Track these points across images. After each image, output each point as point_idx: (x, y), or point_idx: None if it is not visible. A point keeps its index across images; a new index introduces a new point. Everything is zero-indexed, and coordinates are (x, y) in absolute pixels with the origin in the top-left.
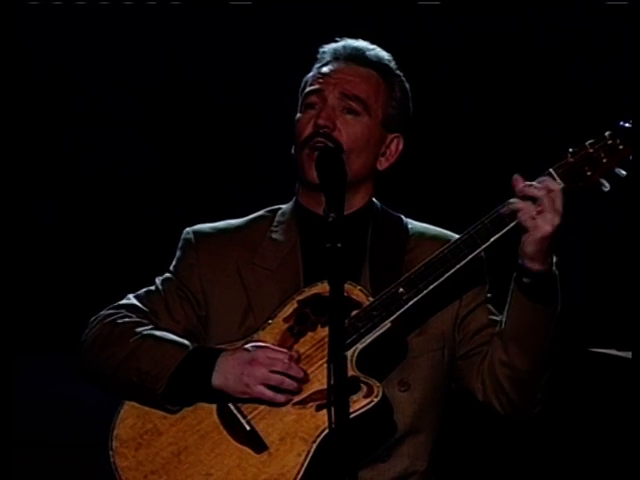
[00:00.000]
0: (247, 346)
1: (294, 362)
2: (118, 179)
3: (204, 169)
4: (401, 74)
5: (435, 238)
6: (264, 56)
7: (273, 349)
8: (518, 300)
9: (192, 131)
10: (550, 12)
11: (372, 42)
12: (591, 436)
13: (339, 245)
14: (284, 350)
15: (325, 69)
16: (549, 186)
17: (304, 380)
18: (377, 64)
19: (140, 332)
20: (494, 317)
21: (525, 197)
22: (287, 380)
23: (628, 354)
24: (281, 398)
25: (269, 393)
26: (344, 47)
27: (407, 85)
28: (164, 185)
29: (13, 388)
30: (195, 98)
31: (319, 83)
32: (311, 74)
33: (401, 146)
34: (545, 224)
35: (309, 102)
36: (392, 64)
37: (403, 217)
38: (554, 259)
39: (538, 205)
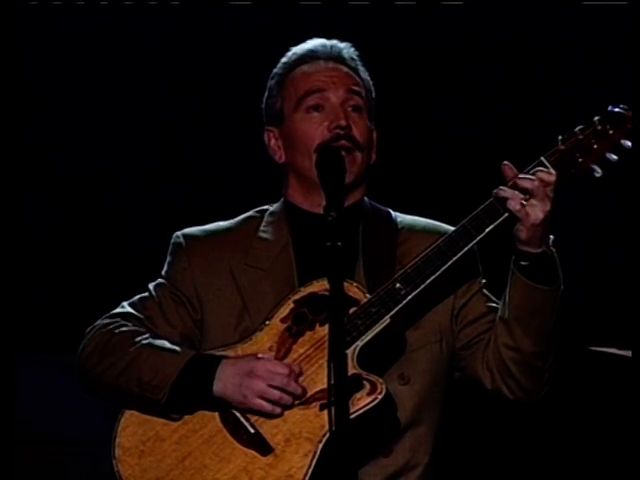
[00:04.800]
0: (248, 357)
1: (294, 377)
2: (118, 179)
3: (200, 171)
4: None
5: (425, 230)
6: (264, 56)
7: (274, 363)
8: (519, 282)
9: (191, 133)
10: (549, 12)
11: (371, 42)
12: (591, 435)
13: (339, 244)
14: (284, 364)
15: (313, 69)
16: (542, 177)
17: (302, 396)
18: (354, 61)
19: (139, 341)
20: (492, 304)
21: (517, 188)
22: (285, 396)
23: (628, 353)
24: (279, 411)
25: (267, 406)
26: (323, 46)
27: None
28: (163, 185)
29: (13, 387)
30: (195, 98)
31: (317, 83)
32: (286, 77)
33: (376, 137)
34: (536, 212)
35: (312, 104)
36: (360, 57)
37: (391, 211)
38: (551, 239)
39: (528, 194)
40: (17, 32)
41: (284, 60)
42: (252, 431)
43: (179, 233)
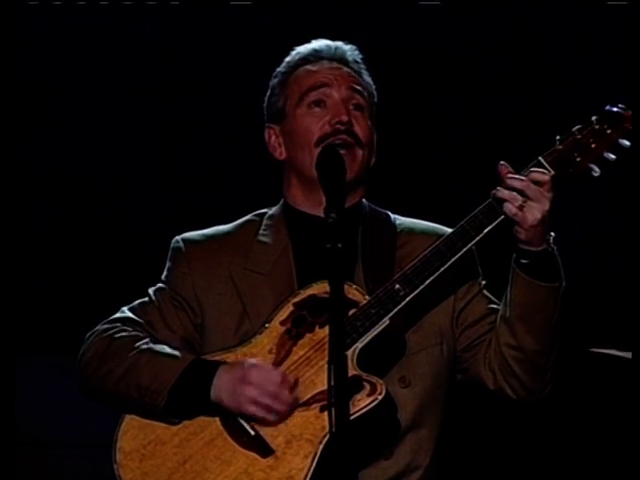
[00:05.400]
0: (243, 363)
1: (286, 386)
2: (118, 180)
3: (199, 172)
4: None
5: (425, 232)
6: (264, 56)
7: (268, 370)
8: (520, 280)
9: (192, 134)
10: (550, 12)
11: (372, 42)
12: (591, 436)
13: (339, 245)
14: (279, 372)
15: (315, 67)
16: (536, 178)
17: (293, 405)
18: (358, 63)
19: (138, 346)
20: (492, 305)
21: (508, 189)
22: (276, 404)
23: (628, 354)
24: (271, 417)
25: (260, 412)
26: (328, 46)
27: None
28: (163, 186)
29: (13, 388)
30: (195, 99)
31: (320, 79)
32: (290, 75)
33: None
34: (534, 213)
35: (314, 99)
36: (363, 60)
37: (390, 213)
38: (552, 236)
39: (525, 196)
40: (17, 32)
41: (288, 59)
42: (252, 433)
43: (178, 238)
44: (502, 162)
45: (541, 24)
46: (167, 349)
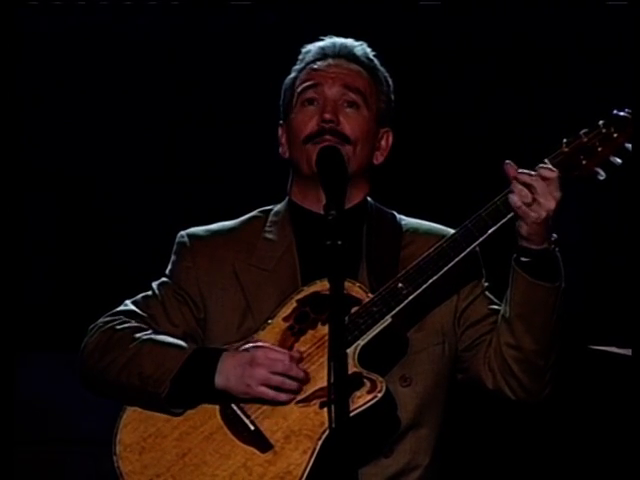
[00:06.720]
0: (247, 346)
1: (295, 362)
2: (118, 179)
3: (199, 171)
4: (384, 69)
5: (429, 233)
6: (264, 56)
7: (273, 349)
8: (520, 280)
9: (191, 133)
10: (550, 12)
11: (372, 42)
12: (591, 434)
13: (339, 243)
14: (284, 351)
15: (317, 65)
16: (543, 174)
17: (305, 380)
18: (366, 60)
19: (140, 337)
20: (494, 306)
21: (519, 184)
22: (287, 381)
23: (628, 352)
24: (283, 397)
25: (271, 393)
26: (333, 44)
27: (390, 80)
28: (163, 185)
29: (13, 387)
30: (195, 98)
31: (315, 78)
32: (299, 73)
33: (391, 140)
34: (538, 211)
35: (307, 98)
36: (377, 60)
37: (396, 213)
38: (553, 236)
39: (532, 192)
40: (17, 32)
41: (299, 57)
42: (252, 428)
43: (184, 233)
44: (508, 161)
45: (541, 24)
46: (169, 339)
